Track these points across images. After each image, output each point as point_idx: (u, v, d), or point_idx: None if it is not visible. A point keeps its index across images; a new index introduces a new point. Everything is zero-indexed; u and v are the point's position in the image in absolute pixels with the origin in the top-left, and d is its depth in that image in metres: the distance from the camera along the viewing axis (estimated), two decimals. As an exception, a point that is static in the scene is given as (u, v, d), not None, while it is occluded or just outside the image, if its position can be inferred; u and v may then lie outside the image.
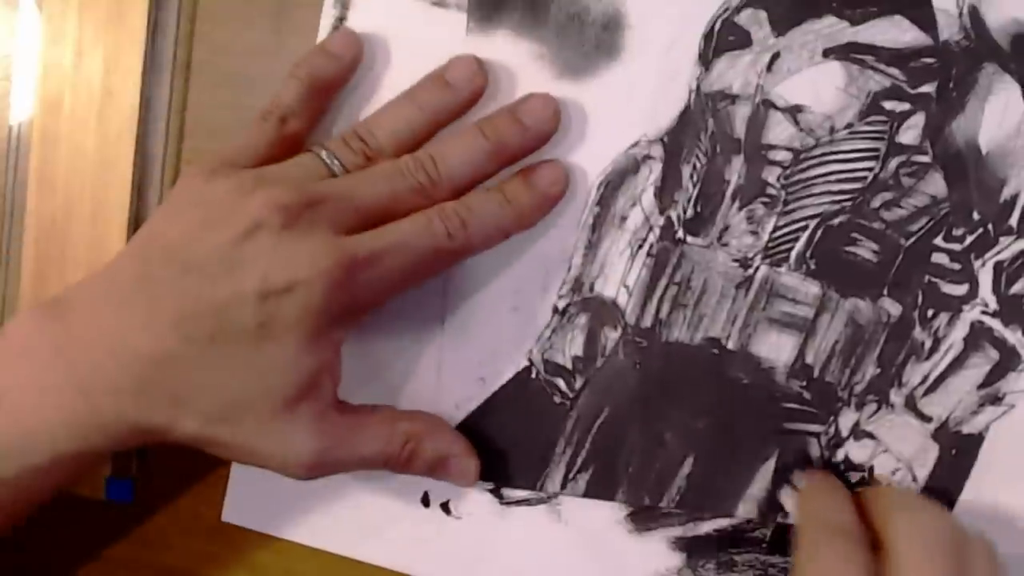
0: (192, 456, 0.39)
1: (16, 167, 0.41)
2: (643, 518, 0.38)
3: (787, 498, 0.37)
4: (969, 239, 0.35)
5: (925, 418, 0.36)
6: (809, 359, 0.36)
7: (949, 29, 0.34)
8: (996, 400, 0.35)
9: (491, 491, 0.39)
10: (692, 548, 0.38)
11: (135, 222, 0.40)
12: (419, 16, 0.37)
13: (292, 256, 0.32)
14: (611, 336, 0.37)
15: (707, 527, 0.38)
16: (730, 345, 0.36)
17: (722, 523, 0.37)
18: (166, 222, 0.34)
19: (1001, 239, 0.35)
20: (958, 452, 0.36)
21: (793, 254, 0.36)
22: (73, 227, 0.40)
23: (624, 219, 0.37)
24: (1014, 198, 0.35)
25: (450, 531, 0.39)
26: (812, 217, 0.35)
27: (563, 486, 0.38)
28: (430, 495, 0.39)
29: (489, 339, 0.38)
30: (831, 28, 0.35)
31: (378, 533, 0.40)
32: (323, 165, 0.35)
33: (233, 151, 0.36)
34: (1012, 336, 0.35)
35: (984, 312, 0.35)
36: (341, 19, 0.38)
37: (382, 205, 0.34)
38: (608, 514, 0.38)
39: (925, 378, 0.35)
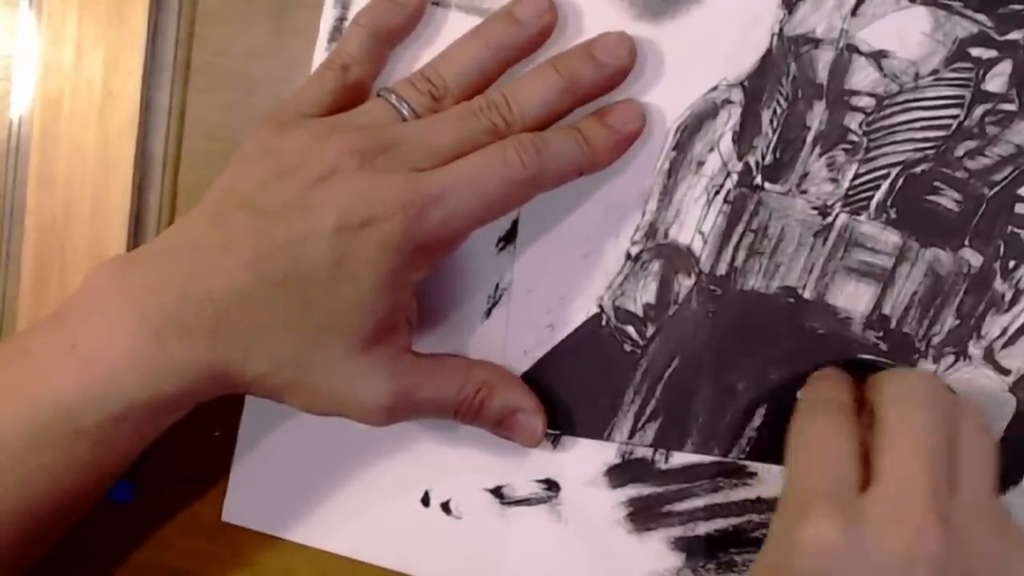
0: (192, 456, 0.39)
1: (16, 167, 0.41)
2: (643, 518, 0.37)
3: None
4: (1054, 189, 0.34)
5: (1003, 371, 0.35)
6: (887, 309, 0.35)
7: (1040, -26, 0.34)
8: (1075, 354, 0.35)
9: (491, 491, 0.39)
10: (692, 548, 0.37)
11: (135, 222, 0.40)
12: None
13: (369, 193, 0.32)
14: (684, 283, 0.37)
15: (707, 527, 0.37)
16: (806, 294, 0.36)
17: (722, 523, 0.37)
18: (239, 175, 0.34)
19: (1086, 190, 0.34)
20: (1036, 406, 0.35)
21: (873, 202, 0.35)
22: (73, 227, 0.40)
23: (701, 164, 0.36)
24: (1100, 149, 0.34)
25: (450, 531, 0.39)
26: (894, 165, 0.35)
27: (631, 436, 0.37)
28: (430, 495, 0.39)
29: (559, 285, 0.37)
30: (919, -29, 0.34)
31: (378, 533, 0.39)
32: (392, 110, 0.35)
33: (298, 102, 0.36)
34: (1094, 289, 0.35)
35: (1067, 264, 0.35)
36: (342, 19, 0.38)
37: (456, 147, 0.33)
38: (608, 514, 0.38)
39: (1004, 330, 0.35)
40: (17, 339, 0.35)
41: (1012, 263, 0.35)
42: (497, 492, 0.39)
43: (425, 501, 0.39)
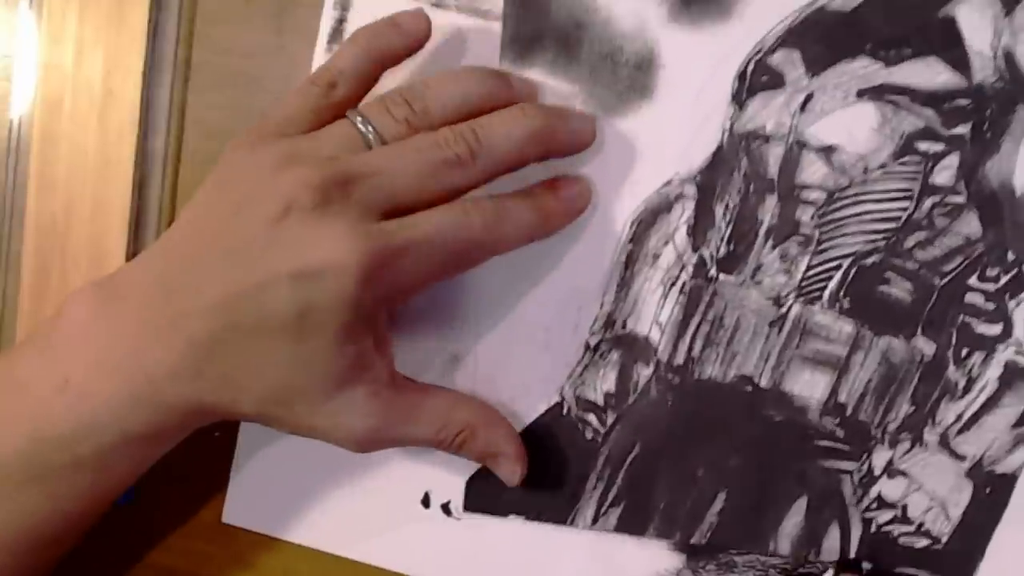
0: (192, 456, 0.39)
1: (16, 167, 0.41)
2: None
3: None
4: (1004, 279, 0.35)
5: (959, 457, 0.36)
6: (842, 397, 0.36)
7: (983, 71, 0.34)
8: (1030, 439, 0.35)
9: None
10: (692, 549, 0.38)
11: (135, 222, 0.40)
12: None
13: (323, 240, 0.32)
14: (643, 373, 0.37)
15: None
16: (763, 383, 0.36)
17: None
18: (213, 195, 0.34)
19: (1035, 279, 0.35)
20: (992, 491, 0.35)
21: (827, 293, 0.36)
22: (73, 227, 0.40)
23: (657, 257, 0.37)
24: (1048, 238, 0.35)
25: (450, 531, 0.39)
26: (846, 256, 0.36)
27: (594, 521, 0.38)
28: (430, 496, 0.39)
29: (521, 376, 0.38)
30: (865, 69, 0.35)
31: (378, 533, 0.40)
32: (358, 134, 0.34)
33: (279, 119, 0.35)
34: (1046, 376, 0.35)
35: (1018, 352, 0.35)
36: (341, 21, 0.38)
37: (416, 182, 0.33)
38: (608, 515, 0.38)
39: (959, 417, 0.35)
40: (7, 366, 0.35)
41: (964, 351, 0.35)
42: None
43: (425, 502, 0.39)
